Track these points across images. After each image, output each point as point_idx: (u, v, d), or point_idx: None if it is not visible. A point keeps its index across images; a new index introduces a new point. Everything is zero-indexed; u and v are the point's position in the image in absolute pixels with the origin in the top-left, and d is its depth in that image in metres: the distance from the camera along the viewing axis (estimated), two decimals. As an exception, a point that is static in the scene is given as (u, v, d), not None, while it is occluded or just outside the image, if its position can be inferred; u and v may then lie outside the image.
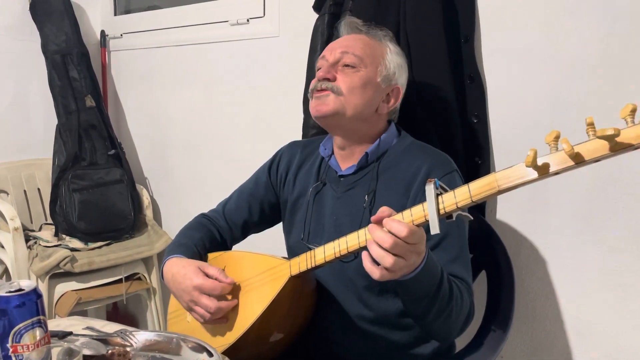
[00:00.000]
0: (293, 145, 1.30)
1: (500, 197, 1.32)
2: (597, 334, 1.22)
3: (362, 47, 1.11)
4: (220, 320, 1.03)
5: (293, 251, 1.20)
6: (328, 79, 1.09)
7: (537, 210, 1.27)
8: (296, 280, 0.99)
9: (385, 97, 1.13)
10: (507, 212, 1.32)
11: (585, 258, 1.22)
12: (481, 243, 1.26)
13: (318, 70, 1.13)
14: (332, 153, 1.18)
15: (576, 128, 1.19)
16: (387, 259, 0.78)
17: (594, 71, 1.16)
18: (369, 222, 1.04)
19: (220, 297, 1.02)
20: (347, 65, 1.10)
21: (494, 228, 1.27)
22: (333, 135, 1.16)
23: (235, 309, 1.03)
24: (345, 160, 1.15)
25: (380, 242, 0.78)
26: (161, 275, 1.14)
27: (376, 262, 0.80)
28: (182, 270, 1.06)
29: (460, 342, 1.15)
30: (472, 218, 0.79)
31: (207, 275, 1.04)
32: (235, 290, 1.04)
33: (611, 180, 1.16)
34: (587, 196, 1.20)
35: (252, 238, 1.32)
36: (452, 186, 0.79)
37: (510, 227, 1.32)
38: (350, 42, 1.13)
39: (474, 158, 1.30)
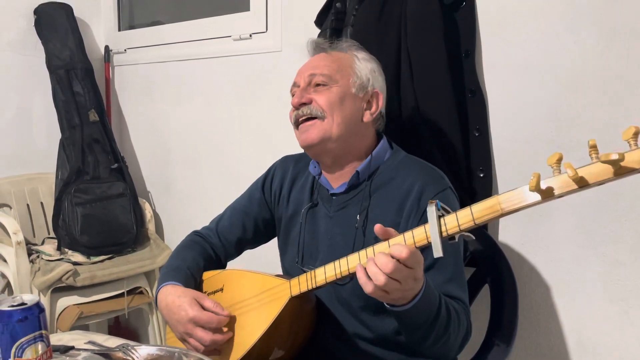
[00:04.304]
0: (286, 160, 1.28)
1: (502, 211, 1.32)
2: (601, 347, 1.21)
3: (328, 65, 1.11)
4: (213, 352, 1.01)
5: (288, 273, 1.18)
6: (304, 104, 1.08)
7: (539, 223, 1.27)
8: (296, 301, 0.98)
9: (367, 104, 1.12)
10: (510, 226, 1.32)
11: (589, 271, 1.21)
12: (484, 257, 1.25)
13: (293, 96, 1.13)
14: (322, 171, 1.16)
15: (576, 141, 1.20)
16: (380, 277, 0.78)
17: (594, 85, 1.16)
18: (362, 242, 1.04)
19: (216, 330, 1.00)
20: (318, 85, 1.09)
21: (497, 242, 1.27)
22: (322, 162, 1.14)
23: (236, 328, 1.02)
24: (336, 178, 1.13)
25: (382, 266, 0.78)
26: (155, 302, 1.12)
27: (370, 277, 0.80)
28: (177, 301, 1.03)
29: (464, 357, 1.14)
30: (474, 238, 0.79)
31: (204, 308, 1.02)
32: (231, 319, 1.03)
33: (614, 194, 1.16)
34: (589, 209, 1.20)
35: (248, 252, 1.31)
36: (446, 204, 0.80)
37: (513, 240, 1.32)
38: (315, 63, 1.13)
39: (476, 171, 1.31)
